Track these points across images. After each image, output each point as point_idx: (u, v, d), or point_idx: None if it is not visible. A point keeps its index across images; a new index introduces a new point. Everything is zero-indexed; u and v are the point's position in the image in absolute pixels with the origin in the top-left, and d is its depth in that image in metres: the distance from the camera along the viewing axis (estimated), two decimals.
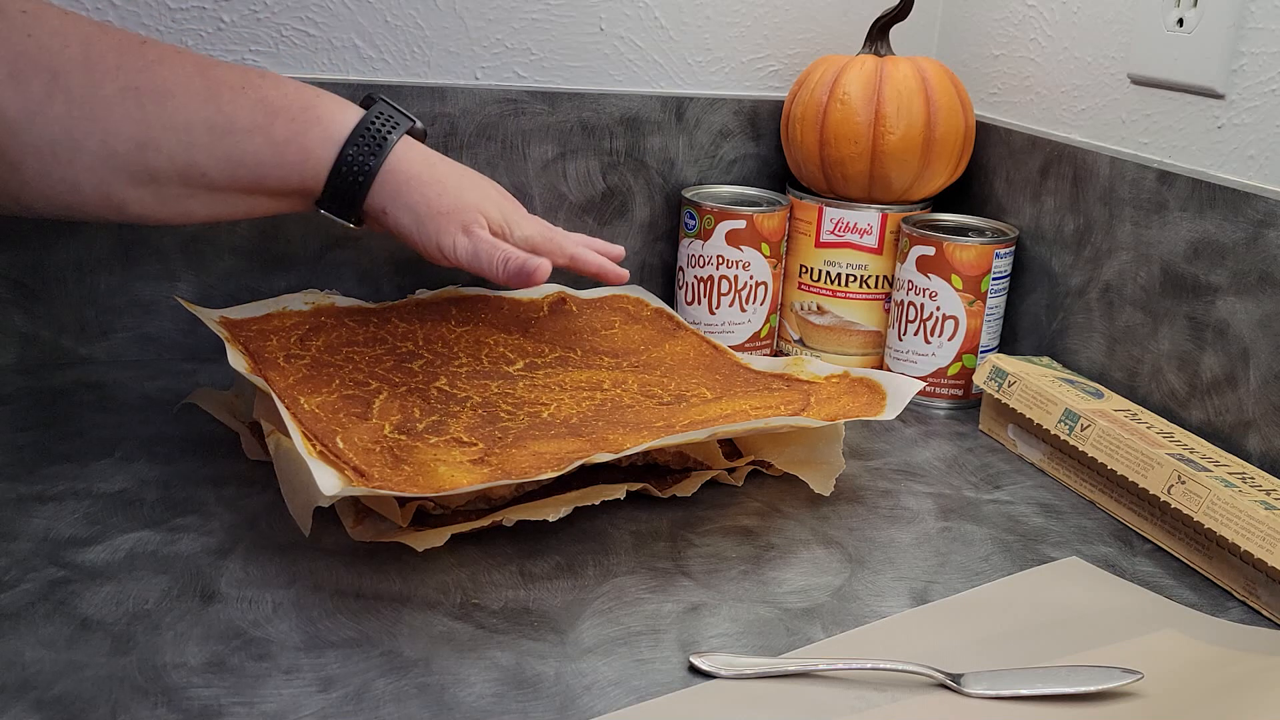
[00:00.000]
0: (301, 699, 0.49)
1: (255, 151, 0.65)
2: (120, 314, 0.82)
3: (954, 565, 0.63)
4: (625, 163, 0.91)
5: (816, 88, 0.87)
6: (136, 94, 0.63)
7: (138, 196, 0.65)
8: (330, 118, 0.67)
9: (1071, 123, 0.86)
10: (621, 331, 0.83)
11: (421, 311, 0.82)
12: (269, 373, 0.68)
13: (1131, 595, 0.60)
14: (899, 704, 0.50)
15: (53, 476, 0.66)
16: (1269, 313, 0.69)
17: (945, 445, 0.79)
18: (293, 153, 0.66)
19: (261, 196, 0.68)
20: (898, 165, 0.85)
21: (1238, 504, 0.60)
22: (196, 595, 0.55)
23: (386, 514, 0.60)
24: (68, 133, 0.61)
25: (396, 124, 0.69)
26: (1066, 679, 0.52)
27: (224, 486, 0.66)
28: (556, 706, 0.49)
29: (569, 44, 0.89)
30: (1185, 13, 0.75)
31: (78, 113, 0.61)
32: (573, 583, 0.59)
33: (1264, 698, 0.50)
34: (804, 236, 0.90)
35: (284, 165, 0.66)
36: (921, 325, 0.84)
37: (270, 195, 0.68)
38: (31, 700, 0.47)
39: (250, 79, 0.66)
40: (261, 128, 0.65)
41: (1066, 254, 0.84)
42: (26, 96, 0.60)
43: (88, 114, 0.62)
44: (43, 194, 0.63)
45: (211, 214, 0.68)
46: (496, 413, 0.68)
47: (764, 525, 0.66)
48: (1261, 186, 0.71)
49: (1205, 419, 0.73)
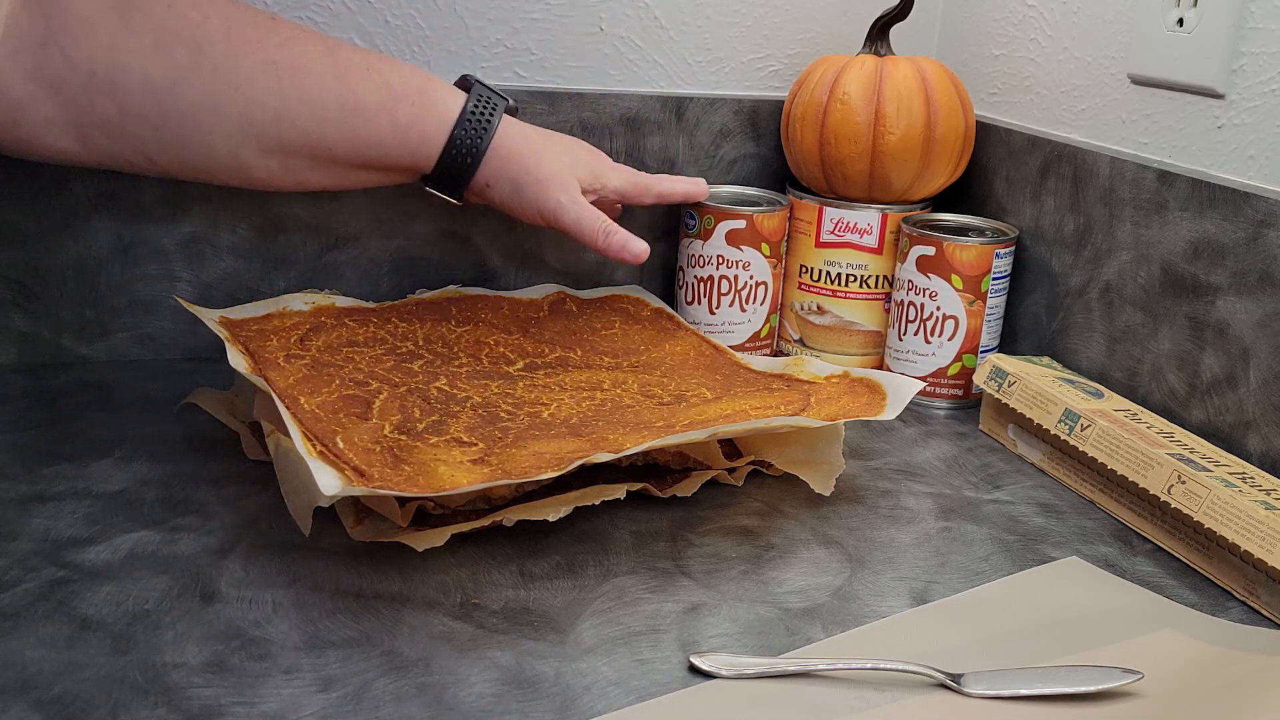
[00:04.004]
0: (301, 699, 0.49)
1: (380, 131, 0.70)
2: (120, 314, 0.82)
3: (954, 565, 0.63)
4: (625, 162, 0.91)
5: (816, 88, 0.87)
6: (275, 68, 0.67)
7: (265, 165, 0.69)
8: (443, 102, 0.72)
9: (1071, 123, 0.87)
10: (621, 331, 0.83)
11: (421, 311, 0.82)
12: (269, 373, 0.68)
13: (1131, 595, 0.60)
14: (899, 704, 0.50)
15: (53, 476, 0.66)
16: (1269, 313, 0.69)
17: (945, 445, 0.79)
18: (413, 135, 0.71)
19: (375, 171, 0.73)
20: (898, 165, 0.85)
21: (1238, 504, 0.60)
22: (196, 595, 0.55)
23: (386, 514, 0.60)
24: (212, 100, 0.66)
25: (496, 105, 0.74)
26: (1066, 679, 0.52)
27: (224, 486, 0.66)
28: (556, 706, 0.49)
29: (569, 44, 0.89)
30: (1185, 13, 0.75)
31: (223, 82, 0.65)
32: (573, 583, 0.59)
33: (1264, 698, 0.50)
34: (804, 236, 0.90)
35: (404, 146, 0.71)
36: (921, 325, 0.84)
37: (383, 170, 0.73)
38: (31, 700, 0.47)
39: (372, 61, 0.71)
40: (386, 109, 0.70)
41: (1066, 254, 0.84)
42: (173, 64, 0.64)
43: (232, 84, 0.66)
44: (177, 156, 0.67)
45: (327, 184, 0.73)
46: (496, 413, 0.68)
47: (764, 525, 0.66)
48: (1261, 186, 0.71)
49: (1205, 419, 0.73)
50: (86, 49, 0.63)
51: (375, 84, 0.70)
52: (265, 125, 0.67)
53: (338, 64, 0.69)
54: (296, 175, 0.71)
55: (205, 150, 0.67)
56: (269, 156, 0.69)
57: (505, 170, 0.73)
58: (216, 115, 0.66)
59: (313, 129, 0.68)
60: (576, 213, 0.74)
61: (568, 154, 0.77)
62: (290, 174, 0.71)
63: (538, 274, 0.92)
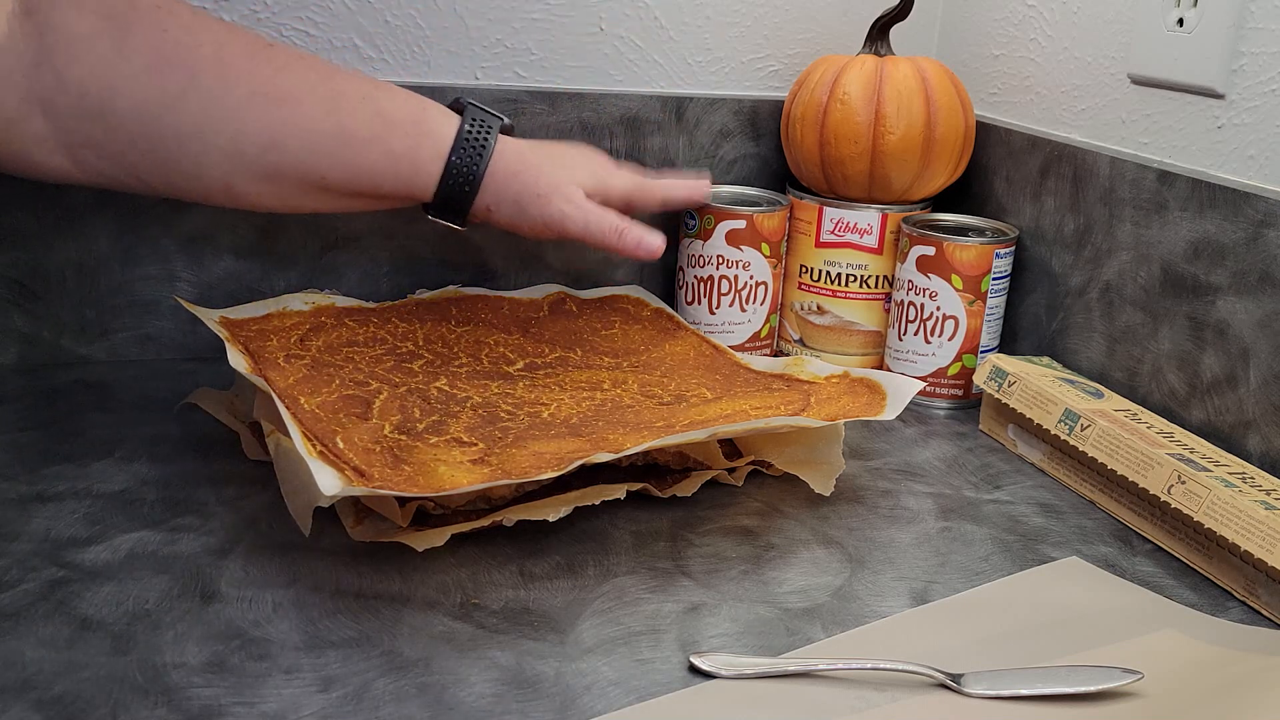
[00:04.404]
0: (301, 699, 0.49)
1: (373, 162, 0.69)
2: (120, 314, 0.82)
3: (954, 565, 0.63)
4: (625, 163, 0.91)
5: (816, 88, 0.87)
6: (265, 99, 0.66)
7: (256, 190, 0.68)
8: (438, 130, 0.71)
9: (1071, 123, 0.87)
10: (621, 331, 0.83)
11: (421, 311, 0.82)
12: (269, 373, 0.68)
13: (1131, 595, 0.60)
14: (899, 704, 0.50)
15: (53, 476, 0.66)
16: (1269, 313, 0.69)
17: (945, 445, 0.79)
18: (405, 165, 0.70)
19: (370, 199, 0.72)
20: (898, 165, 0.85)
21: (1238, 504, 0.60)
22: (196, 595, 0.55)
23: (386, 514, 0.60)
24: (199, 128, 0.65)
25: (491, 127, 0.72)
26: (1066, 679, 0.52)
27: (224, 486, 0.66)
28: (556, 706, 0.49)
29: (569, 44, 0.89)
30: (1185, 13, 0.75)
31: (213, 110, 0.65)
32: (573, 583, 0.59)
33: (1264, 698, 0.50)
34: (804, 236, 0.90)
35: (398, 175, 0.70)
36: (921, 325, 0.84)
37: (380, 198, 0.72)
38: (31, 700, 0.47)
39: (367, 89, 0.70)
40: (380, 139, 0.69)
41: (1066, 254, 0.84)
42: (163, 90, 0.64)
43: (220, 114, 0.65)
44: (168, 179, 0.67)
45: (321, 209, 0.72)
46: (496, 413, 0.68)
47: (764, 525, 0.66)
48: (1261, 186, 0.71)
49: (1205, 419, 0.73)
50: (79, 70, 0.63)
51: (369, 114, 0.69)
52: (255, 154, 0.66)
53: (331, 93, 0.68)
54: (289, 201, 0.70)
55: (195, 174, 0.67)
56: (260, 183, 0.68)
57: (506, 191, 0.72)
58: (205, 143, 0.65)
59: (304, 159, 0.67)
60: (583, 218, 0.73)
61: (567, 162, 0.76)
62: (282, 200, 0.70)
63: (538, 274, 0.92)
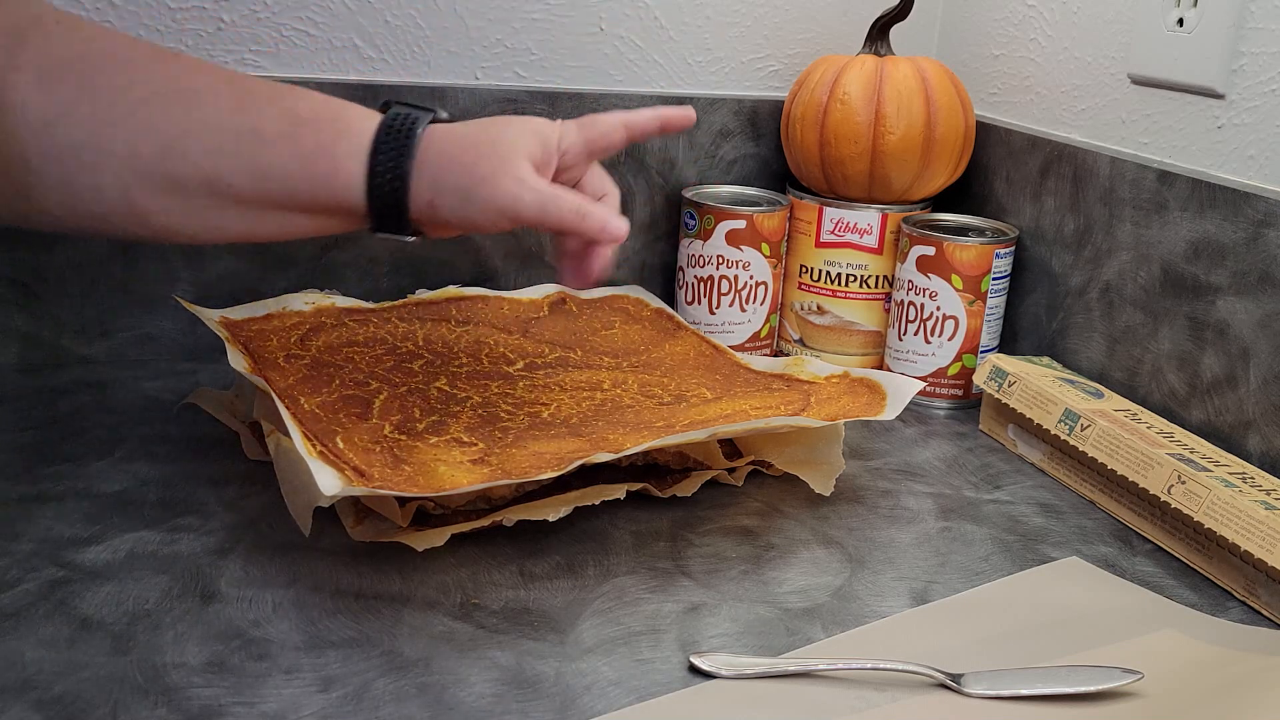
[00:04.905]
0: (301, 699, 0.49)
1: (282, 163, 0.63)
2: (120, 314, 0.82)
3: (954, 565, 0.63)
4: (625, 163, 0.91)
5: (816, 88, 0.87)
6: (164, 98, 0.62)
7: (163, 206, 0.63)
8: (358, 128, 0.64)
9: (1071, 123, 0.87)
10: (621, 331, 0.83)
11: (421, 311, 0.82)
12: (269, 373, 0.68)
13: (1131, 595, 0.60)
14: (899, 704, 0.50)
15: (53, 476, 0.66)
16: (1269, 313, 0.69)
17: (945, 445, 0.79)
18: (321, 164, 0.63)
19: (296, 213, 0.65)
20: (898, 165, 0.85)
21: (1238, 504, 0.60)
22: (196, 595, 0.55)
23: (386, 514, 0.60)
24: (93, 135, 0.61)
25: (417, 120, 0.65)
26: (1066, 679, 0.52)
27: (224, 486, 0.66)
28: (556, 706, 0.49)
29: (569, 44, 0.89)
30: (1185, 13, 0.75)
31: (105, 115, 0.61)
32: (573, 583, 0.59)
33: (1264, 698, 0.50)
34: (804, 236, 0.90)
35: (313, 178, 0.63)
36: (921, 325, 0.84)
37: (305, 211, 0.65)
38: (31, 700, 0.47)
39: (279, 91, 0.65)
40: (287, 137, 0.63)
41: (1066, 254, 0.84)
42: (54, 100, 0.60)
43: (114, 117, 0.61)
44: (64, 202, 0.62)
45: (245, 230, 0.65)
46: (496, 413, 0.68)
47: (764, 525, 0.66)
48: (1261, 186, 0.71)
49: (1205, 419, 0.73)
50: None
51: (276, 111, 0.63)
52: (153, 159, 0.61)
53: (236, 92, 0.63)
54: (202, 218, 0.64)
55: (92, 193, 0.61)
56: (163, 196, 0.62)
57: (443, 179, 0.63)
58: (99, 151, 0.60)
59: (205, 161, 0.62)
60: (538, 201, 0.62)
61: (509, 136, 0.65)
62: (193, 217, 0.64)
63: (538, 274, 0.92)
